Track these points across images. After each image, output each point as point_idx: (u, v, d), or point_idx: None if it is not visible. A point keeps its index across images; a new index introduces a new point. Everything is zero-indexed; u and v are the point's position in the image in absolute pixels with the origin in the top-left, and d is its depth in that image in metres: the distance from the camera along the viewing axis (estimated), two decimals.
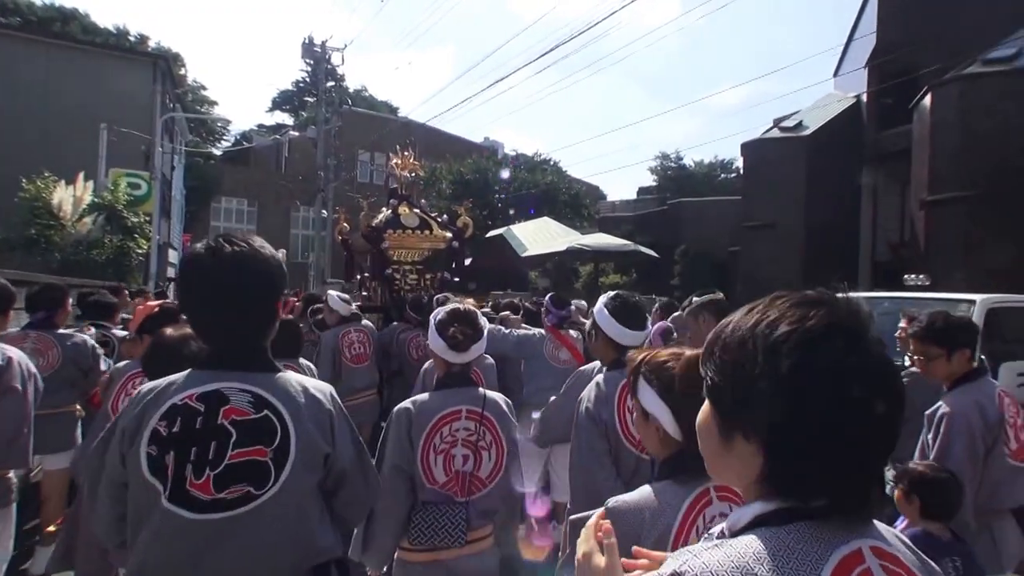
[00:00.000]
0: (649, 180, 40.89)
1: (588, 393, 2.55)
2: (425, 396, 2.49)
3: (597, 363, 3.29)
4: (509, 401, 2.62)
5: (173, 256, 26.35)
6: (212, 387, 1.58)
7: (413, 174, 8.36)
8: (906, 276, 10.94)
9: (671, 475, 1.51)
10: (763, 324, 0.83)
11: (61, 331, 4.38)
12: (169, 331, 2.44)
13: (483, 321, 2.61)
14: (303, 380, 1.71)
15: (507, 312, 6.72)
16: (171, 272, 24.84)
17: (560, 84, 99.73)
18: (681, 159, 38.45)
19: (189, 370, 1.64)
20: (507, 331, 5.23)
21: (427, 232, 7.78)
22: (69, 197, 12.65)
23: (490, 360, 4.37)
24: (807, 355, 0.78)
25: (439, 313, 2.59)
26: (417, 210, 8.03)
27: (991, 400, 2.85)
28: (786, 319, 0.82)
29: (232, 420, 1.55)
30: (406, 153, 8.24)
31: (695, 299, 3.88)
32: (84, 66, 20.06)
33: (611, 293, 2.94)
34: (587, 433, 2.44)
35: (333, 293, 6.03)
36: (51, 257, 12.32)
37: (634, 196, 41.05)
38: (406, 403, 2.46)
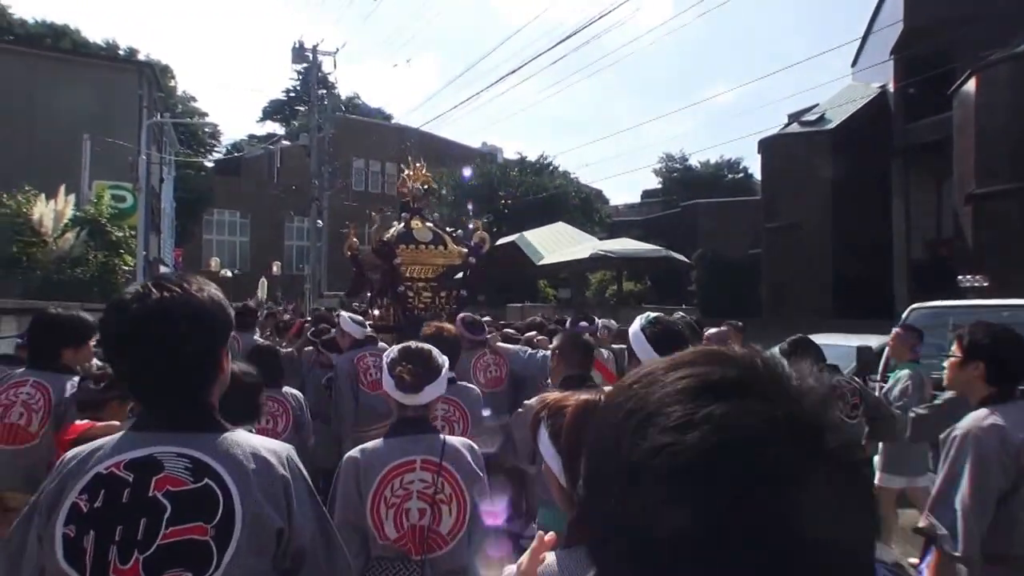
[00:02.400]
0: (652, 183, 40.14)
1: None
2: (377, 443, 2.29)
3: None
4: (475, 447, 2.38)
5: (164, 272, 25.39)
6: (143, 452, 1.36)
7: (425, 186, 7.87)
8: (960, 277, 10.05)
9: (580, 539, 1.24)
10: (631, 407, 0.57)
11: None
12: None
13: (440, 360, 2.40)
14: (253, 440, 1.48)
15: (533, 332, 6.13)
16: None
17: (555, 88, 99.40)
18: (687, 160, 37.69)
19: (121, 432, 1.45)
20: (532, 351, 5.06)
21: (441, 247, 7.31)
22: (50, 212, 11.93)
23: (477, 392, 4.03)
24: (679, 489, 0.50)
25: (392, 352, 2.42)
26: (430, 224, 7.59)
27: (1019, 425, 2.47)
28: (666, 409, 0.54)
29: (167, 492, 1.32)
30: (418, 164, 7.81)
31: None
32: (69, 77, 19.40)
33: (651, 316, 2.58)
34: None
35: (345, 315, 5.55)
36: (32, 276, 11.54)
37: (637, 200, 40.37)
38: (355, 451, 2.29)
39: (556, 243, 18.62)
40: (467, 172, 28.30)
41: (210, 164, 38.83)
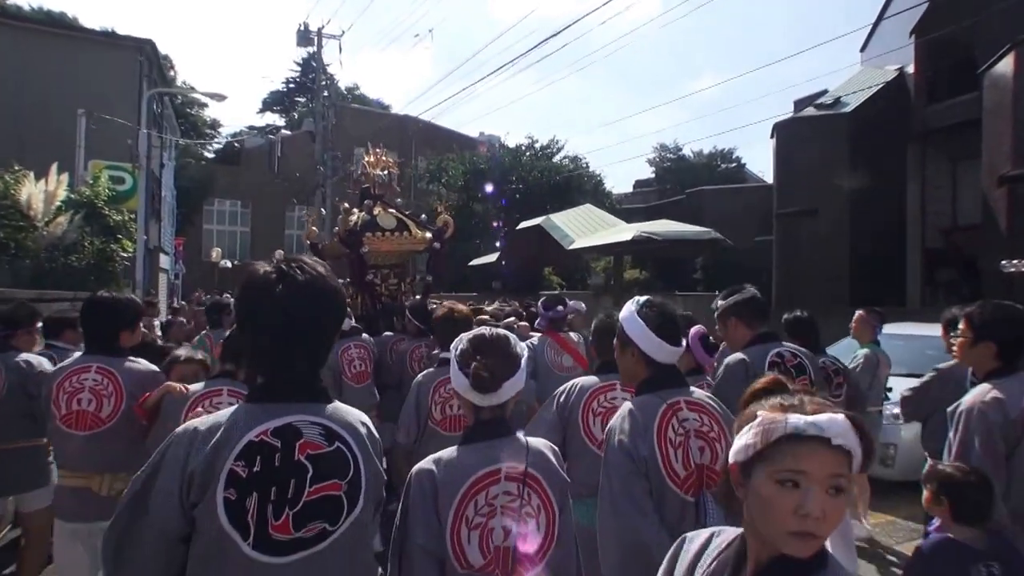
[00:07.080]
0: (641, 174, 40.30)
1: (618, 423, 2.20)
2: (452, 453, 1.93)
3: (591, 378, 3.02)
4: (556, 448, 2.06)
5: (164, 261, 24.98)
6: (283, 421, 1.51)
7: (387, 171, 7.99)
8: (1004, 263, 9.71)
9: None
10: None
11: (12, 353, 3.90)
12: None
13: (519, 348, 2.05)
14: (351, 410, 1.66)
15: (512, 319, 6.32)
16: (163, 279, 23.36)
17: (547, 80, 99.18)
18: (680, 150, 37.62)
19: (240, 404, 1.57)
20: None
21: (405, 234, 7.51)
22: (40, 193, 10.94)
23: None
24: None
25: (461, 341, 2.06)
26: (393, 210, 7.74)
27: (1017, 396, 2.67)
28: None
29: (308, 455, 1.50)
30: (378, 150, 8.02)
31: (720, 301, 3.53)
32: (62, 53, 18.70)
33: (640, 299, 2.43)
34: (621, 472, 2.12)
35: None
36: (20, 264, 10.69)
37: (630, 189, 40.15)
38: (427, 463, 1.91)
39: (585, 226, 17.72)
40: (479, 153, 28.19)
41: (210, 155, 38.48)
